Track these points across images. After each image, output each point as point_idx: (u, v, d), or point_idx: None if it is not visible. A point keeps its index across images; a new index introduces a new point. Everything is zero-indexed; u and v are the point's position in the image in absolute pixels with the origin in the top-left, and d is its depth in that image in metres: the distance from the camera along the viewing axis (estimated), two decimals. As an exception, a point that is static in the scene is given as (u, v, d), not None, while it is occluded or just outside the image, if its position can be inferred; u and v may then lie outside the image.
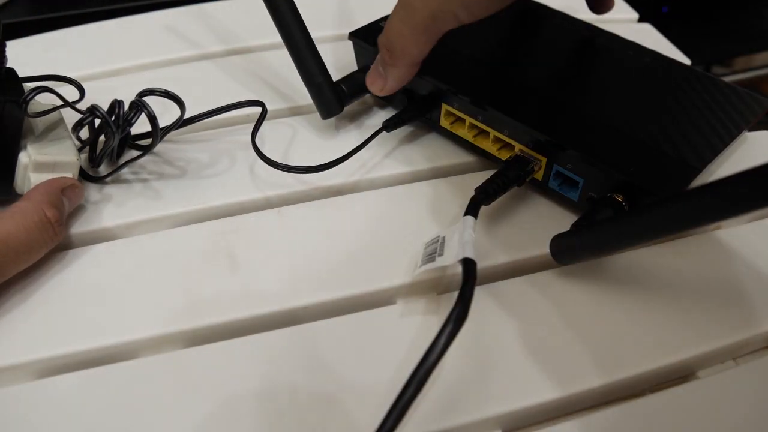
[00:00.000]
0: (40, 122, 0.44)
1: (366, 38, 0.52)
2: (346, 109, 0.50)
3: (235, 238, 0.42)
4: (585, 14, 0.57)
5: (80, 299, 0.39)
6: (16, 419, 0.34)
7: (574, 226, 0.40)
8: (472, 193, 0.41)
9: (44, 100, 0.43)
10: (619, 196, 0.40)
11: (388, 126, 0.48)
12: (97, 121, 0.43)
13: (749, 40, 0.74)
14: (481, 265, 0.39)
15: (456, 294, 0.39)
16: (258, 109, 0.50)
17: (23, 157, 0.42)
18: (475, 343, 0.37)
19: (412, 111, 0.49)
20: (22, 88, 0.41)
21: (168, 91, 0.44)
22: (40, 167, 0.42)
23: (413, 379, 0.31)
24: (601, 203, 0.40)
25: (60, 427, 0.33)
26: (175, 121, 0.45)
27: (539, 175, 0.44)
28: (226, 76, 0.56)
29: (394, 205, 0.45)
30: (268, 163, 0.45)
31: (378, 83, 0.46)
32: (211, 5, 0.65)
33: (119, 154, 0.47)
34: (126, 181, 0.46)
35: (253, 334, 0.38)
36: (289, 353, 0.37)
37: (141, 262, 0.41)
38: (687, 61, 0.61)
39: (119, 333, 0.37)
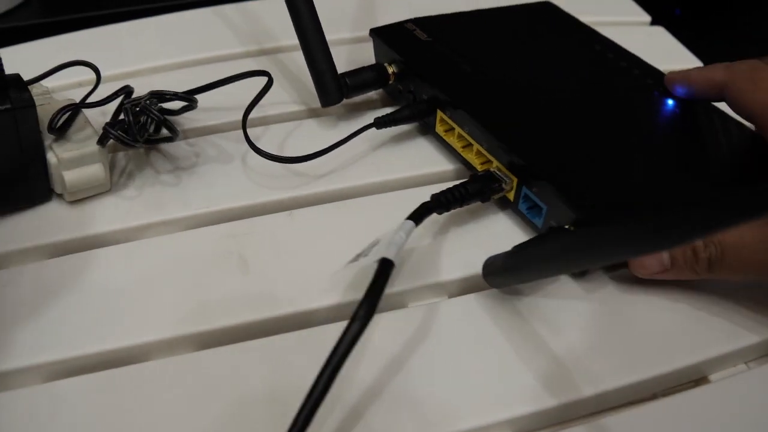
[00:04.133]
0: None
1: (387, 38, 0.52)
2: (354, 107, 0.50)
3: (246, 241, 0.42)
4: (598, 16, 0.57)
5: (91, 302, 0.39)
6: (25, 422, 0.34)
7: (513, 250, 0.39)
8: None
9: (59, 97, 0.44)
10: (573, 228, 0.39)
11: (379, 123, 0.48)
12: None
13: (762, 43, 0.74)
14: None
15: (467, 297, 0.40)
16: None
17: (51, 158, 0.42)
18: (484, 347, 0.37)
19: (406, 112, 0.49)
20: (28, 91, 0.41)
21: (177, 93, 0.44)
22: (68, 164, 0.42)
23: (319, 381, 0.31)
24: (553, 232, 0.40)
25: (69, 430, 0.33)
26: (184, 107, 0.47)
27: (511, 196, 0.43)
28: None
29: (405, 209, 0.45)
30: (252, 148, 0.46)
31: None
32: (227, 6, 0.65)
33: (158, 129, 0.47)
34: (137, 184, 0.46)
35: (264, 336, 0.38)
36: (301, 356, 0.37)
37: (152, 265, 0.41)
38: (699, 63, 0.61)
39: (130, 336, 0.37)
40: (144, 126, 0.44)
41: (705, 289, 0.40)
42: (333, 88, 0.49)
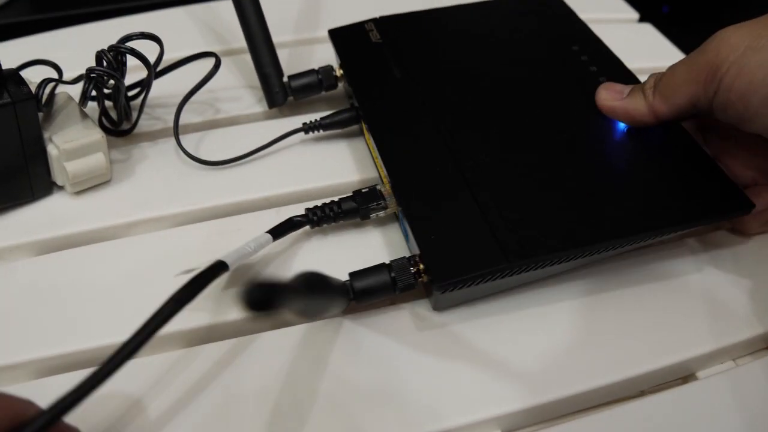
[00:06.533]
0: (54, 110, 0.44)
1: (338, 40, 0.51)
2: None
3: (235, 238, 0.42)
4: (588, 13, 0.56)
5: (79, 299, 0.39)
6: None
7: None
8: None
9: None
10: (420, 265, 0.37)
11: (307, 128, 0.49)
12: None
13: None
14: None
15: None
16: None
17: (52, 150, 0.43)
18: (472, 345, 0.37)
19: (335, 118, 0.49)
20: (27, 85, 0.41)
21: (144, 32, 0.45)
22: (71, 155, 0.43)
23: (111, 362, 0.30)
24: (394, 263, 0.38)
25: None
26: (157, 58, 0.47)
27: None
28: (229, 75, 0.56)
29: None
30: (179, 147, 0.48)
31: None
32: (214, 5, 0.65)
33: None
34: (125, 181, 0.46)
35: (252, 334, 0.38)
36: (289, 353, 0.37)
37: (140, 262, 0.41)
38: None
39: (118, 333, 0.37)
40: (123, 62, 0.46)
41: (693, 286, 0.41)
42: (277, 89, 0.51)
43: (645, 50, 0.62)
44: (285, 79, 0.51)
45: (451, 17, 0.53)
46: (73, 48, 0.50)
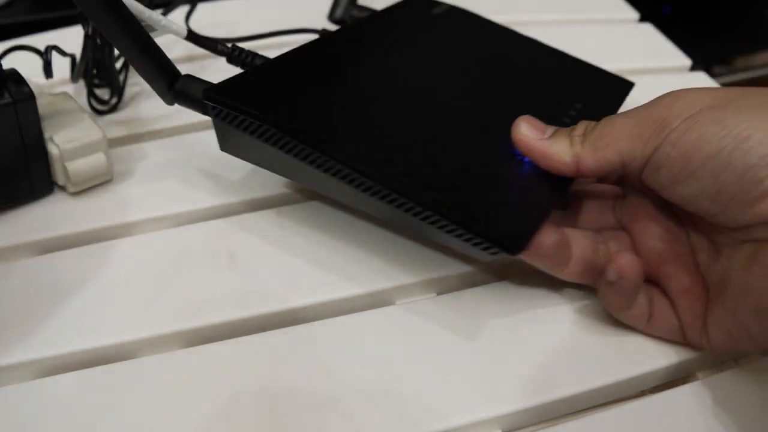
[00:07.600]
0: (53, 108, 0.45)
1: (402, 2, 0.52)
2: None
3: (235, 238, 0.42)
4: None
5: (79, 299, 0.39)
6: (15, 418, 0.34)
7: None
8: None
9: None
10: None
11: (322, 34, 0.52)
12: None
13: (750, 40, 0.74)
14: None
15: (456, 294, 0.40)
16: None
17: (53, 150, 0.43)
18: (472, 344, 0.37)
19: None
20: (27, 85, 0.41)
21: None
22: (71, 155, 0.43)
23: None
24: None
25: (59, 426, 0.33)
26: None
27: None
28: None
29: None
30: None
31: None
32: (211, 5, 0.65)
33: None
34: (125, 181, 0.46)
35: (252, 334, 0.38)
36: (289, 353, 0.37)
37: (140, 262, 0.41)
38: (687, 61, 0.61)
39: (119, 333, 0.37)
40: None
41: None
42: (340, 5, 0.55)
43: (645, 50, 0.62)
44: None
45: (517, 42, 0.51)
46: (73, 48, 0.50)
